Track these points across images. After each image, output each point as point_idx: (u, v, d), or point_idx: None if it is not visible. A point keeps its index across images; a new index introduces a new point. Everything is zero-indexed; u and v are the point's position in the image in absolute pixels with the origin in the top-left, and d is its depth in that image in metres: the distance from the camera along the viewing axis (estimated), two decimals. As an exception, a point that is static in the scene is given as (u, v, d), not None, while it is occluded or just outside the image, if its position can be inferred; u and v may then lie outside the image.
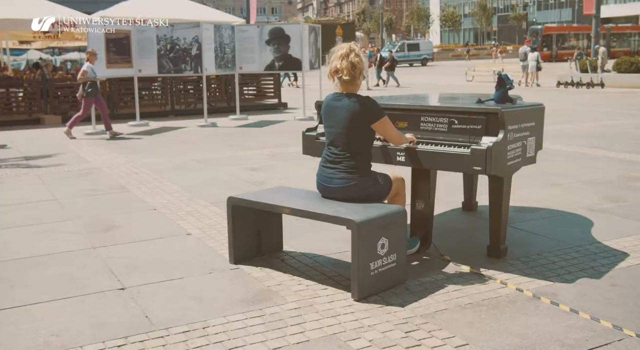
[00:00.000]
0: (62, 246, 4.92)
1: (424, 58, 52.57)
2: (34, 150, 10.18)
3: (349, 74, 4.04)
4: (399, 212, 3.90)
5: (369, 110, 4.01)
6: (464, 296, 3.76)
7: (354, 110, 4.00)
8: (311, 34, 14.70)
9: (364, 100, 4.02)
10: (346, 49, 4.07)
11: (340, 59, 4.05)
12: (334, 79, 4.10)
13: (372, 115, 4.01)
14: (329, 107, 4.15)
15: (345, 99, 4.05)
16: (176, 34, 13.24)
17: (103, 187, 7.16)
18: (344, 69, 4.03)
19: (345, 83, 4.08)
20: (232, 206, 4.35)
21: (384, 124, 4.08)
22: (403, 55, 52.03)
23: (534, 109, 4.42)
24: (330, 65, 4.09)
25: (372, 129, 4.07)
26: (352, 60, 4.04)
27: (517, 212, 5.75)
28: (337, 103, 4.09)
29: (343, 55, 4.05)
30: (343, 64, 4.03)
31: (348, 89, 4.09)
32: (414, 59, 52.40)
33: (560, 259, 4.42)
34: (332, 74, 4.09)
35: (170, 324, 3.44)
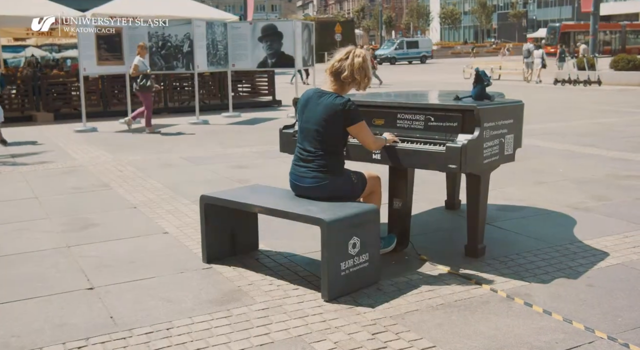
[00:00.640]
0: (36, 245, 4.85)
1: (423, 56, 52.42)
2: (21, 148, 10.11)
3: (360, 85, 4.01)
4: (372, 211, 3.83)
5: (347, 113, 3.92)
6: (437, 297, 3.69)
7: (332, 110, 3.91)
8: (304, 31, 14.60)
9: (345, 102, 3.93)
10: (362, 59, 3.97)
11: (358, 69, 3.95)
12: (335, 79, 4.01)
13: (349, 119, 3.93)
14: (308, 101, 4.06)
15: (327, 96, 3.96)
16: (168, 31, 13.15)
17: (85, 185, 7.09)
18: (360, 81, 3.99)
19: (342, 86, 4.00)
20: (205, 204, 4.28)
21: (360, 129, 4.00)
22: (402, 52, 51.98)
23: (512, 106, 4.34)
24: (339, 65, 3.97)
25: (348, 131, 4.00)
26: (367, 73, 4.00)
27: (500, 210, 5.68)
28: (318, 99, 4.00)
29: (360, 66, 3.96)
30: (360, 76, 3.97)
31: (338, 90, 4.00)
32: (413, 56, 52.26)
33: (539, 258, 4.35)
34: (341, 76, 3.98)
35: (134, 325, 3.37)
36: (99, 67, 12.72)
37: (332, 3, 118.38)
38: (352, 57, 3.98)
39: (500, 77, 27.99)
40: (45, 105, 14.94)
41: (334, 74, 4.02)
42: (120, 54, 13.23)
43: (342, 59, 4.00)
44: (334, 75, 4.02)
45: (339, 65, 3.99)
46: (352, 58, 3.98)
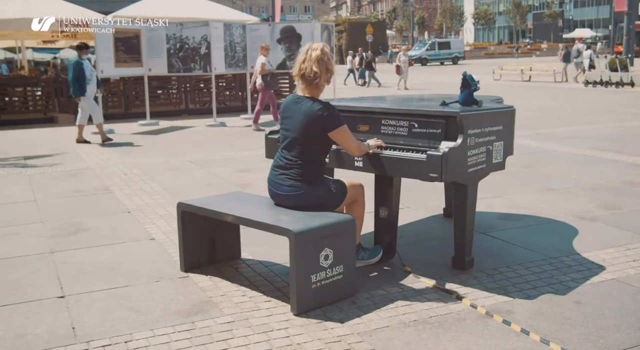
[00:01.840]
0: (21, 250, 4.82)
1: (455, 57, 51.85)
2: (36, 150, 10.18)
3: (325, 78, 3.87)
4: (346, 222, 3.68)
5: (327, 118, 3.78)
6: (412, 312, 3.52)
7: (311, 116, 3.78)
8: (324, 32, 14.50)
9: (323, 107, 3.79)
10: (319, 52, 3.84)
11: (316, 62, 3.81)
12: (302, 81, 3.88)
13: (329, 124, 3.79)
14: (288, 109, 3.94)
15: (304, 103, 3.83)
16: (185, 33, 13.16)
17: (87, 188, 7.07)
18: (321, 74, 3.83)
19: (312, 87, 3.86)
20: (182, 212, 4.18)
21: (342, 134, 3.85)
22: (433, 53, 51.50)
23: (501, 112, 4.15)
24: (299, 66, 3.87)
25: (329, 137, 3.85)
26: (327, 64, 3.85)
27: (500, 219, 5.47)
28: (296, 106, 3.88)
29: (318, 58, 3.82)
30: (320, 68, 3.82)
31: (312, 92, 3.87)
32: (444, 57, 51.74)
33: (530, 272, 4.14)
34: (302, 75, 3.86)
35: (93, 337, 3.28)
36: (116, 69, 12.78)
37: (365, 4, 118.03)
38: (310, 52, 3.85)
39: (530, 78, 27.48)
40: (67, 107, 15.07)
41: (301, 76, 3.88)
42: (139, 56, 13.30)
43: (303, 60, 3.87)
44: (302, 78, 3.89)
45: (302, 66, 3.86)
46: (309, 53, 3.84)
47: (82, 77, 10.68)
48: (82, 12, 15.14)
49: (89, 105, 11.00)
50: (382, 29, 62.45)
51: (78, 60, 10.83)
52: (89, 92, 10.88)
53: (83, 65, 10.75)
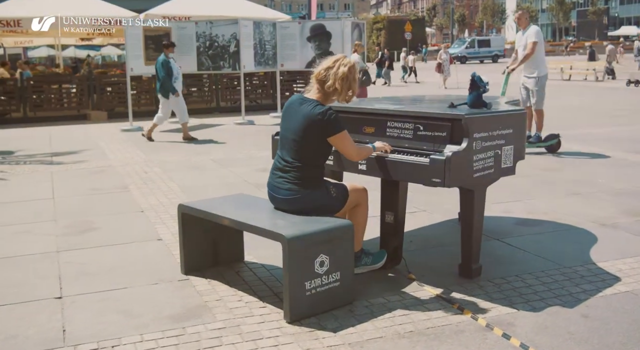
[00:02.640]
0: (29, 248, 4.83)
1: (495, 55, 50.99)
2: (64, 147, 10.30)
3: (342, 97, 3.79)
4: (344, 227, 3.57)
5: (326, 123, 3.68)
6: (409, 322, 3.40)
7: (311, 120, 3.68)
8: (354, 30, 14.35)
9: (324, 111, 3.68)
10: (347, 69, 3.74)
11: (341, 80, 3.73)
12: (320, 87, 3.78)
13: (328, 129, 3.69)
14: (290, 109, 3.85)
15: (307, 104, 3.73)
16: (215, 31, 13.18)
17: (106, 186, 7.10)
18: (341, 92, 3.75)
19: (326, 96, 3.77)
20: (182, 214, 4.12)
21: (342, 139, 3.75)
22: (473, 51, 50.80)
23: (511, 115, 3.98)
24: (324, 73, 3.75)
25: (328, 142, 3.75)
26: (351, 85, 3.77)
27: (517, 224, 5.29)
28: (298, 107, 3.79)
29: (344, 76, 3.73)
30: (343, 87, 3.74)
31: (320, 98, 3.77)
32: (484, 55, 50.96)
33: (539, 282, 3.97)
34: (318, 80, 3.77)
35: (81, 341, 3.25)
36: (147, 67, 12.86)
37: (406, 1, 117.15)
38: (339, 65, 3.74)
39: (570, 77, 26.85)
40: (100, 104, 15.26)
41: (320, 82, 3.78)
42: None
43: (328, 67, 3.76)
44: (319, 83, 3.79)
45: (325, 73, 3.75)
46: (337, 67, 3.73)
47: (170, 75, 10.55)
48: (116, 10, 15.30)
49: (176, 104, 10.85)
50: (421, 26, 61.89)
51: (165, 59, 10.62)
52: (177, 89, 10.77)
53: (171, 64, 10.61)
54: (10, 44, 22.82)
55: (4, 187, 7.24)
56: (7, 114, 14.94)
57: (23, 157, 9.37)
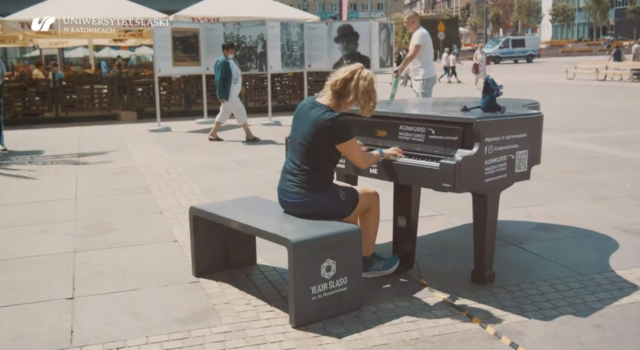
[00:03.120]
0: (46, 248, 4.90)
1: (529, 55, 50.31)
2: (92, 147, 10.46)
3: (356, 105, 3.75)
4: (352, 232, 3.53)
5: (334, 131, 3.65)
6: (416, 329, 3.35)
7: (319, 126, 3.66)
8: (382, 31, 14.29)
9: (334, 118, 3.65)
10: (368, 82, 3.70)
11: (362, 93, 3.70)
12: (333, 93, 3.75)
13: (337, 136, 3.67)
14: (300, 112, 3.84)
15: (317, 109, 3.71)
16: (242, 32, 13.24)
17: (128, 187, 7.17)
18: (357, 102, 3.72)
19: (339, 103, 3.74)
20: (194, 216, 4.13)
21: (349, 147, 3.73)
22: (507, 51, 50.20)
23: (525, 119, 3.89)
24: (342, 83, 3.71)
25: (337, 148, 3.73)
26: (371, 97, 3.73)
27: (536, 229, 5.19)
28: (308, 111, 3.76)
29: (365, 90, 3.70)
30: (362, 99, 3.71)
31: (332, 105, 3.74)
32: (518, 55, 50.31)
33: (554, 289, 3.88)
34: (333, 88, 3.74)
35: (88, 342, 3.28)
36: (174, 68, 12.99)
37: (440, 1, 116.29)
38: (357, 78, 3.69)
39: (606, 77, 26.33)
40: (129, 105, 15.46)
41: (335, 92, 3.73)
42: (197, 55, 13.47)
43: (346, 79, 3.71)
44: (334, 93, 3.74)
45: (342, 85, 3.70)
46: (357, 80, 3.68)
47: (229, 77, 10.49)
48: (145, 11, 15.47)
49: (234, 105, 10.84)
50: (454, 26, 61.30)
51: (225, 60, 10.52)
52: (234, 92, 10.74)
53: (230, 65, 10.56)
54: (45, 45, 23.25)
55: (29, 186, 7.37)
56: (40, 114, 15.25)
57: (50, 157, 9.54)
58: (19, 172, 8.27)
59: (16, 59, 38.61)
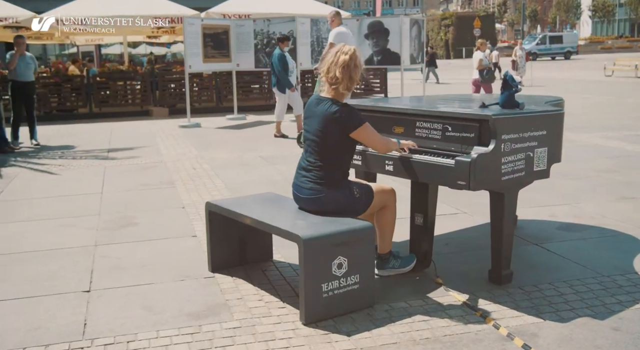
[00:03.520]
0: (68, 242, 4.97)
1: (567, 51, 49.39)
2: (122, 142, 10.60)
3: (345, 87, 3.70)
4: (364, 229, 3.50)
5: (345, 120, 3.63)
6: (427, 329, 3.30)
7: (329, 118, 3.64)
8: (413, 27, 14.17)
9: (340, 109, 3.64)
10: (348, 57, 3.68)
11: (340, 67, 3.66)
12: (325, 81, 3.75)
13: (348, 125, 3.64)
14: (309, 110, 3.83)
15: (322, 104, 3.70)
16: (272, 29, 13.26)
17: (153, 182, 7.24)
18: (342, 80, 3.67)
19: (335, 91, 3.72)
20: (209, 212, 4.15)
21: (364, 132, 3.69)
22: (544, 48, 49.36)
23: (544, 116, 3.80)
24: (326, 66, 3.72)
25: (352, 138, 3.69)
26: (352, 72, 3.68)
27: (560, 229, 5.08)
28: (315, 107, 3.76)
29: (345, 63, 3.66)
30: (343, 74, 3.66)
31: (334, 95, 3.72)
32: (556, 52, 49.43)
33: (573, 290, 3.79)
34: (326, 77, 3.73)
35: (100, 335, 3.31)
36: (204, 64, 13.07)
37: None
38: (339, 55, 3.69)
39: (645, 74, 25.70)
40: (161, 101, 15.62)
41: (327, 78, 3.73)
42: (227, 51, 13.54)
43: (332, 62, 3.71)
44: (329, 82, 3.74)
45: (327, 67, 3.71)
46: (337, 56, 3.69)
47: (286, 70, 10.52)
48: (177, 8, 15.61)
49: (293, 98, 10.86)
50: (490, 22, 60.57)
51: (281, 52, 10.53)
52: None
53: (286, 58, 10.57)
54: (82, 42, 23.66)
55: (58, 181, 7.49)
56: (75, 110, 15.51)
57: (81, 152, 9.69)
58: (49, 166, 8.42)
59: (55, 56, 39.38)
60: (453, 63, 48.25)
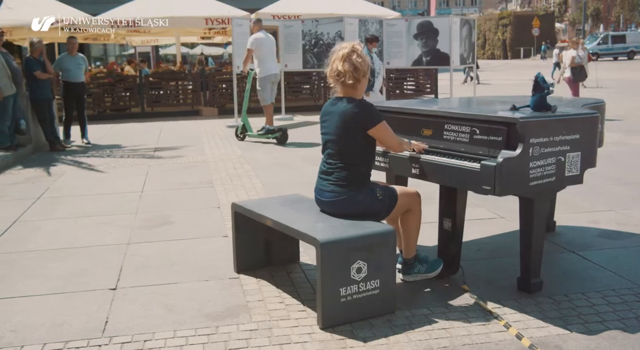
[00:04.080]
0: (103, 240, 5.06)
1: (630, 51, 47.69)
2: (170, 141, 10.77)
3: (352, 77, 3.63)
4: (385, 233, 3.43)
5: (364, 116, 3.58)
6: (446, 337, 3.21)
7: (347, 115, 3.60)
8: (463, 27, 13.92)
9: (359, 104, 3.60)
10: (348, 49, 3.66)
11: (341, 61, 3.65)
12: (335, 82, 3.71)
13: (367, 121, 3.59)
14: (325, 112, 3.80)
15: (340, 103, 3.66)
16: (320, 29, 13.26)
17: (193, 181, 7.32)
18: (346, 72, 3.63)
19: (346, 87, 3.67)
20: (235, 213, 4.15)
21: (382, 130, 3.65)
22: (605, 48, 47.80)
23: (577, 119, 3.65)
24: (330, 67, 3.71)
25: (370, 136, 3.64)
26: (354, 61, 3.63)
27: (600, 237, 4.88)
28: (332, 108, 3.72)
29: (345, 56, 3.65)
30: (345, 66, 3.63)
31: (348, 93, 3.69)
32: (618, 52, 47.81)
33: (606, 301, 3.63)
34: (332, 76, 3.70)
35: (119, 333, 3.35)
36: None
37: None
38: (339, 51, 3.67)
39: None
40: (212, 101, 15.82)
41: (337, 76, 3.68)
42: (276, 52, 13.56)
43: (334, 60, 3.69)
44: (333, 79, 3.70)
45: (334, 65, 3.67)
46: (337, 53, 3.67)
47: (372, 70, 10.28)
48: (228, 9, 15.78)
49: (376, 99, 10.65)
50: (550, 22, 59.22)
51: (368, 53, 10.35)
52: (376, 86, 10.69)
53: (373, 59, 10.45)
54: (137, 43, 24.19)
55: (102, 179, 7.66)
56: (127, 109, 15.86)
57: (128, 150, 9.89)
58: (96, 165, 8.61)
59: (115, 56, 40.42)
60: (510, 63, 47.31)
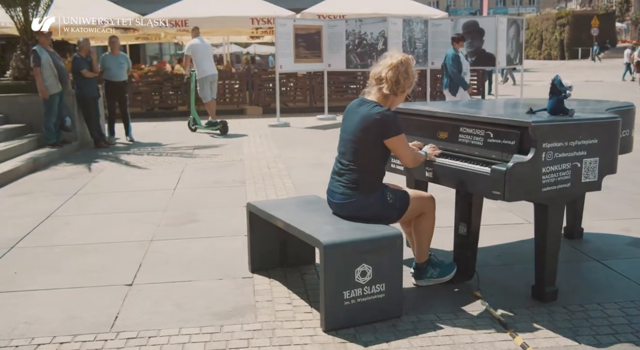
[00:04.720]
0: (129, 236, 5.17)
1: (695, 51, 45.88)
2: (210, 140, 10.92)
3: (390, 88, 3.62)
4: (392, 237, 3.39)
5: (385, 125, 3.55)
6: (449, 344, 3.16)
7: (369, 120, 3.57)
8: (511, 27, 13.65)
9: (383, 112, 3.56)
10: (399, 60, 3.63)
11: (388, 68, 3.62)
12: (373, 84, 3.69)
13: (386, 131, 3.56)
14: (349, 111, 3.78)
15: (366, 105, 3.64)
16: (364, 29, 13.21)
17: (226, 180, 7.40)
18: (387, 81, 3.61)
19: (381, 94, 3.66)
20: (250, 213, 4.18)
21: (398, 143, 3.60)
22: (668, 48, 46.10)
23: (595, 123, 3.52)
24: (375, 68, 3.69)
25: (385, 145, 3.60)
26: (399, 75, 3.61)
27: (629, 245, 4.72)
28: (357, 108, 3.71)
29: (393, 65, 3.62)
30: (389, 75, 3.61)
31: (379, 99, 3.66)
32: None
33: (623, 313, 3.50)
34: (374, 77, 3.68)
35: (126, 328, 3.41)
36: (295, 64, 13.22)
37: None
38: (392, 58, 3.64)
39: None
40: (256, 100, 15.96)
41: (377, 80, 3.66)
42: (319, 52, 13.62)
43: (383, 64, 3.64)
44: (377, 82, 3.66)
45: (379, 70, 3.64)
46: (390, 59, 3.63)
47: (460, 70, 10.34)
48: (273, 9, 15.89)
49: (464, 97, 10.55)
50: (610, 21, 57.49)
51: (455, 53, 10.34)
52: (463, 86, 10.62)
53: (460, 59, 10.36)
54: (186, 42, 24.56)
55: (139, 176, 7.82)
56: (175, 108, 16.14)
57: (169, 148, 10.07)
58: (136, 162, 8.80)
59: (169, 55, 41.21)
60: (567, 64, 46.13)
